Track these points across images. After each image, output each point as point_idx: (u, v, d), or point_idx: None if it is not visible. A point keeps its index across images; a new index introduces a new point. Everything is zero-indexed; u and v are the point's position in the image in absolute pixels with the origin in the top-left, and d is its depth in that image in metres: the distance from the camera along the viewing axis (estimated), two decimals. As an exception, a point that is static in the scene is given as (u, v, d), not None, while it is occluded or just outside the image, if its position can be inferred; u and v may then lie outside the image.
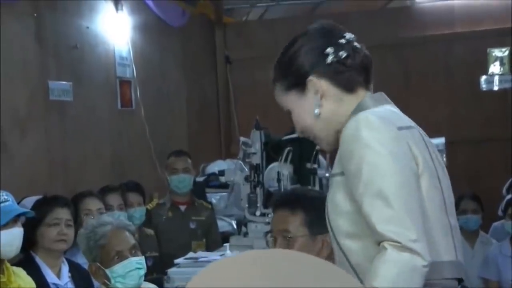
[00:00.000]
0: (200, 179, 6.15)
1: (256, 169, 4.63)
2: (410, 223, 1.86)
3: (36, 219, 3.78)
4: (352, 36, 2.09)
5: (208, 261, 4.37)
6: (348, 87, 2.08)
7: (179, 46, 7.03)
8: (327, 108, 2.09)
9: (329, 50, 2.04)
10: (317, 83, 2.06)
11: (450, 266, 1.99)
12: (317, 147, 4.48)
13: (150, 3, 6.39)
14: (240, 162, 5.07)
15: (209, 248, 5.10)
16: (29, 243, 3.77)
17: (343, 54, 2.04)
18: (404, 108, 7.07)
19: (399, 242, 1.83)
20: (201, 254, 4.63)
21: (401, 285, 1.83)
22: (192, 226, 5.27)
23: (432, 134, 6.84)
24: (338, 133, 2.08)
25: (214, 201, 5.96)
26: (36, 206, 3.94)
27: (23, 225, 3.59)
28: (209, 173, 6.53)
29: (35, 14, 5.08)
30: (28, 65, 5.03)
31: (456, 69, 7.81)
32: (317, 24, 2.16)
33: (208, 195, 6.11)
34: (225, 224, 5.72)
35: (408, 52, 8.00)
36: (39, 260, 3.88)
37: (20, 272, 3.59)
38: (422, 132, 2.12)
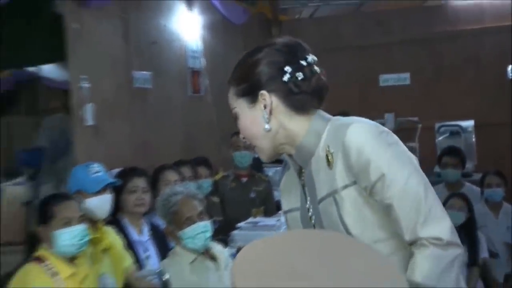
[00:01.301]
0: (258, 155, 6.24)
1: (306, 147, 4.70)
2: (443, 214, 1.73)
3: (119, 187, 3.94)
4: (314, 59, 1.88)
5: (266, 225, 4.51)
6: (299, 108, 1.86)
7: (241, 41, 7.10)
8: (275, 124, 1.86)
9: (287, 68, 1.83)
10: (268, 99, 1.84)
11: None
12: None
13: (216, 3, 6.43)
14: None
15: (267, 214, 5.18)
16: (116, 207, 3.93)
17: (299, 75, 1.83)
18: (436, 98, 7.11)
19: (441, 239, 1.68)
20: (260, 219, 4.74)
21: (445, 280, 1.68)
22: (252, 195, 5.37)
23: (461, 118, 6.78)
24: (279, 148, 1.91)
25: (270, 174, 6.01)
26: (118, 176, 4.10)
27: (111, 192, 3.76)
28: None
29: (122, 15, 5.21)
30: (116, 59, 5.16)
31: (485, 61, 7.72)
32: (284, 39, 1.92)
33: (265, 169, 6.16)
34: (279, 194, 5.77)
35: (440, 46, 7.93)
36: (124, 221, 4.05)
37: (110, 230, 3.78)
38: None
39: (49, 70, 6.47)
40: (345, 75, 7.74)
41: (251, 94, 1.88)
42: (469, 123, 7.20)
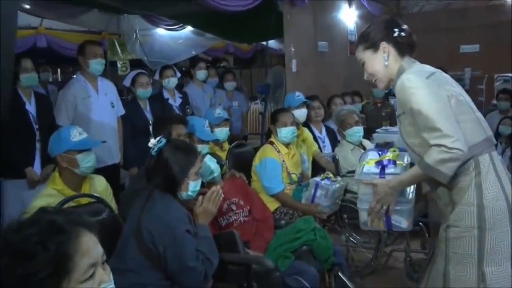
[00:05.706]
0: (386, 91, 5.73)
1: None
2: (452, 132, 1.51)
3: (308, 105, 3.73)
4: (408, 28, 1.73)
5: (392, 131, 4.06)
6: (401, 53, 1.71)
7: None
8: (390, 63, 1.71)
9: (396, 30, 1.70)
10: (386, 46, 1.71)
11: (484, 141, 1.62)
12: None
13: (364, 2, 5.94)
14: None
15: (391, 125, 4.79)
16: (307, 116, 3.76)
17: (402, 34, 1.70)
18: (495, 58, 5.80)
19: (446, 146, 1.50)
20: (388, 128, 4.31)
21: (444, 167, 1.51)
22: (383, 113, 5.02)
23: (511, 71, 5.54)
24: (390, 80, 1.73)
25: (392, 102, 5.53)
26: (306, 98, 3.84)
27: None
28: (390, 88, 6.06)
29: (312, 10, 4.93)
30: (308, 35, 4.92)
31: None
32: (389, 16, 1.81)
33: (390, 99, 5.69)
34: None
35: (497, 29, 6.68)
36: (311, 125, 3.92)
37: (305, 129, 3.68)
38: (443, 73, 1.69)
39: (272, 42, 6.48)
40: (441, 46, 6.86)
41: (374, 46, 1.74)
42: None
